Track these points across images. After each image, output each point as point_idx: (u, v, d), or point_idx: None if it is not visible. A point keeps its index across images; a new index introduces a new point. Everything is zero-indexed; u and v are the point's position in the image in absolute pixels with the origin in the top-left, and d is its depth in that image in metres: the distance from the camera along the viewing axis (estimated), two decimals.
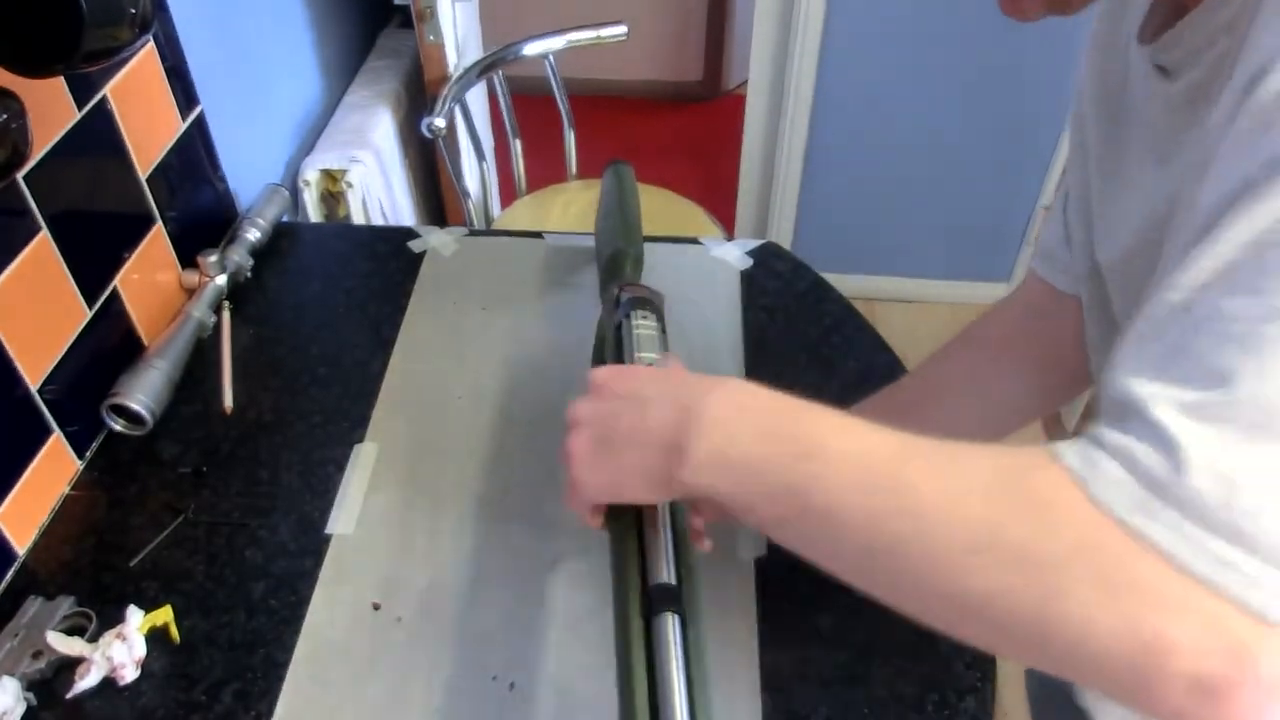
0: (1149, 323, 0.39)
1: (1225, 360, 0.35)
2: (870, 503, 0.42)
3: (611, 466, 0.52)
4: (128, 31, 0.65)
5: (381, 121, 1.58)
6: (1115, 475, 0.36)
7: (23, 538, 0.78)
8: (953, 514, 0.39)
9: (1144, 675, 0.35)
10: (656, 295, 0.75)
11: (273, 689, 0.68)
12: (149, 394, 0.86)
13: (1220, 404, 0.35)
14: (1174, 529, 0.34)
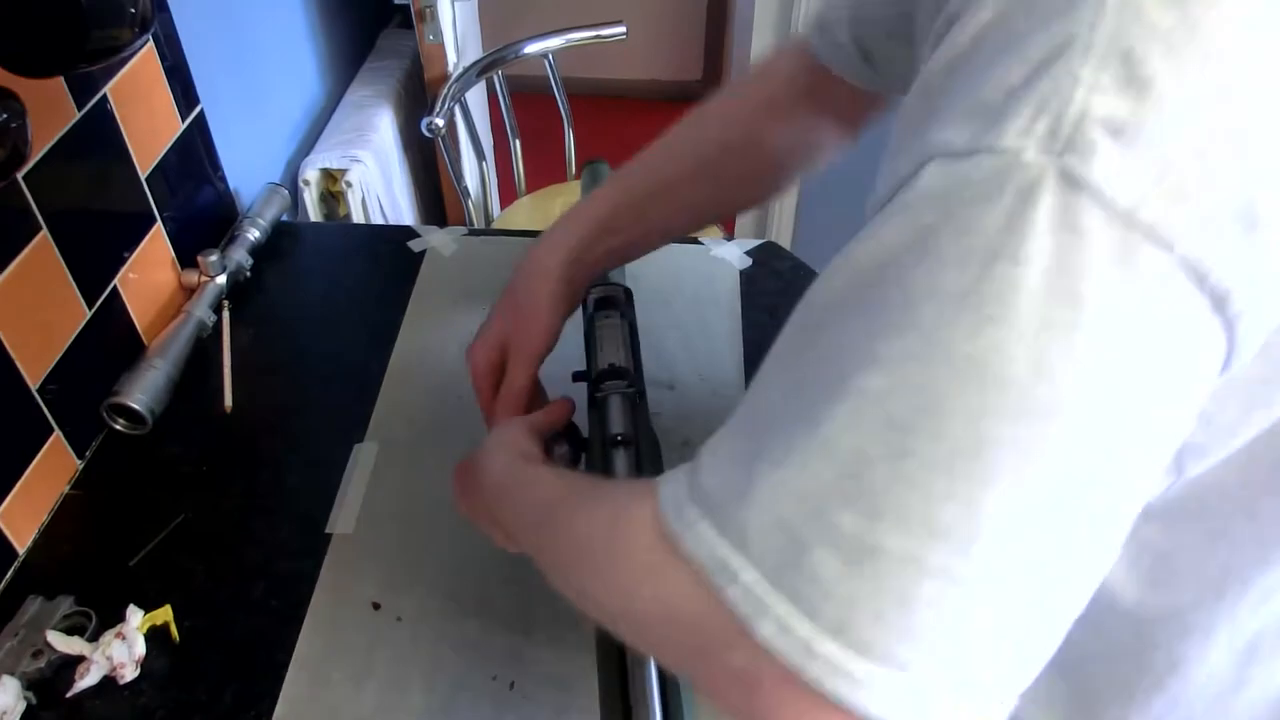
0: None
1: (810, 406, 0.33)
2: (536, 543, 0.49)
3: (486, 528, 0.62)
4: (128, 31, 0.65)
5: (381, 121, 1.59)
6: (673, 491, 0.36)
7: (23, 537, 0.78)
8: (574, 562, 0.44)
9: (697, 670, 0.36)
10: (625, 293, 0.75)
11: (273, 689, 0.68)
12: (149, 394, 0.86)
13: (798, 450, 0.32)
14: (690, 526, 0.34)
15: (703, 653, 0.34)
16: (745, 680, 0.32)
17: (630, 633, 0.40)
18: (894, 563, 0.29)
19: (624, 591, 0.38)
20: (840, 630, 0.29)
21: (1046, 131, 0.28)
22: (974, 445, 0.29)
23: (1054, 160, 0.28)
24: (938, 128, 0.32)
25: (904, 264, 0.31)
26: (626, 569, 0.38)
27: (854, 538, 0.30)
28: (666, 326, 0.98)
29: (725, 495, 0.33)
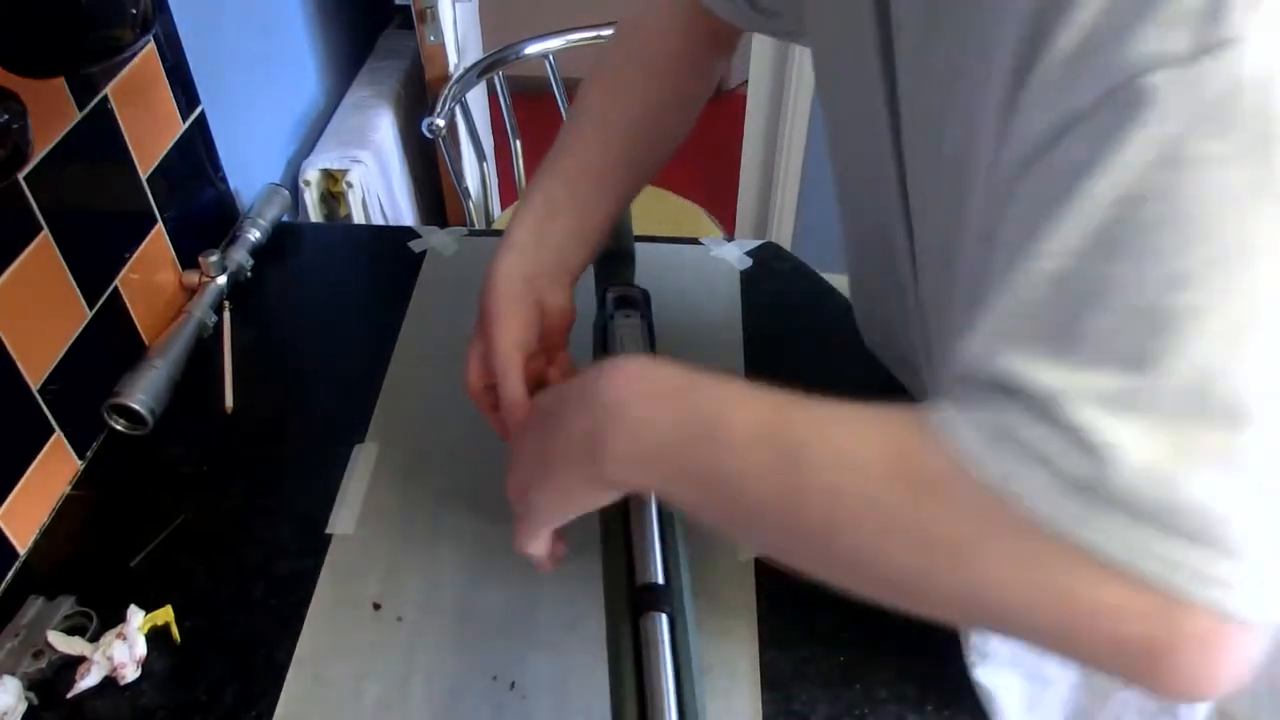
0: (1014, 294, 0.36)
1: (1134, 341, 0.32)
2: (774, 489, 0.41)
3: (552, 485, 0.52)
4: (128, 32, 0.65)
5: (382, 121, 1.59)
6: (1032, 472, 0.34)
7: (23, 537, 0.78)
8: (855, 500, 0.38)
9: (1075, 644, 0.35)
10: (642, 293, 0.75)
11: (273, 689, 0.68)
12: (149, 394, 0.86)
13: (1140, 391, 0.32)
14: (1102, 529, 0.33)
15: (1101, 630, 0.34)
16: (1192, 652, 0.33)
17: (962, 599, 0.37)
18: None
19: (972, 570, 0.36)
20: None
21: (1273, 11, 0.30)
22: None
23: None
24: (1133, 44, 0.32)
25: (1163, 181, 0.32)
26: (990, 556, 0.35)
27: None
28: (666, 326, 0.98)
29: (1093, 473, 0.33)
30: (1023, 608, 0.35)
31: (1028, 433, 0.34)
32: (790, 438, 0.41)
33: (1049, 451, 0.34)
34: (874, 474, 0.38)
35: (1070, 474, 0.33)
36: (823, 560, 0.42)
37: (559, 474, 0.51)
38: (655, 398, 0.46)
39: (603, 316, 0.73)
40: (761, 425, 0.42)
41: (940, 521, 0.36)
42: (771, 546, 0.45)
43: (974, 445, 0.35)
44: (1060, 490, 0.33)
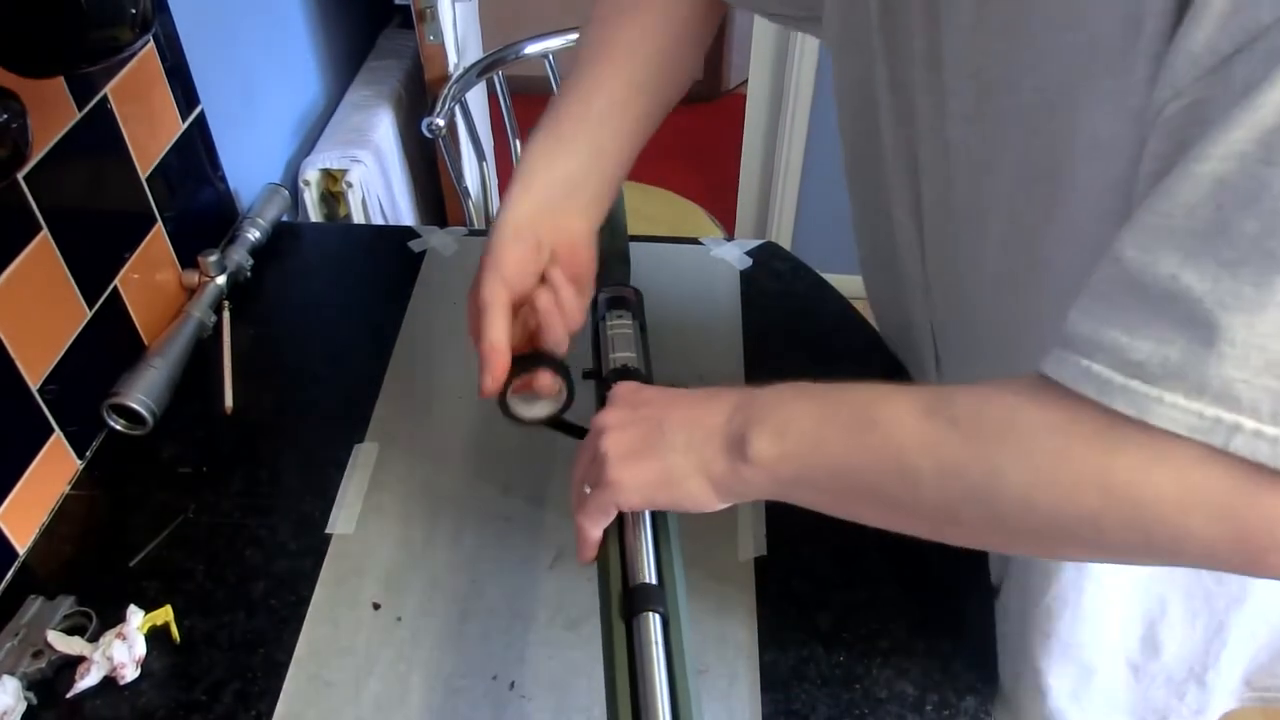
0: (1174, 197, 0.37)
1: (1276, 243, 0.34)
2: (938, 460, 0.43)
3: (659, 463, 0.52)
4: (128, 31, 0.65)
5: (381, 121, 1.59)
6: (1091, 367, 0.38)
7: (23, 537, 0.78)
8: (1019, 450, 0.41)
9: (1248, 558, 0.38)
10: (635, 294, 0.75)
11: (273, 689, 0.68)
12: (149, 394, 0.86)
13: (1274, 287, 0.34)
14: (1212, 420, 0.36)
15: (1216, 519, 0.37)
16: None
17: (1078, 528, 0.41)
18: None
19: (1069, 493, 0.40)
20: None
21: None
22: None
23: None
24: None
25: None
26: (1074, 473, 0.40)
27: None
28: (666, 326, 0.98)
29: (1181, 363, 0.36)
30: (1182, 521, 0.38)
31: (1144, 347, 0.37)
32: (953, 413, 0.44)
33: (1096, 369, 0.38)
34: (1041, 433, 0.41)
35: (1141, 367, 0.37)
36: (985, 522, 0.44)
37: (673, 459, 0.51)
38: (805, 397, 0.49)
39: (595, 317, 0.73)
40: (920, 404, 0.45)
41: (1094, 463, 0.39)
42: (922, 523, 0.47)
43: (1103, 380, 0.38)
44: (1117, 381, 0.37)
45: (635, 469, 0.52)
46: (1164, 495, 0.38)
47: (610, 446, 0.53)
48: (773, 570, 0.75)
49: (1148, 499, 0.38)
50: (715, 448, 0.50)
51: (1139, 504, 0.38)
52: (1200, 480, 0.37)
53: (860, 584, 0.75)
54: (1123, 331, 0.38)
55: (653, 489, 0.52)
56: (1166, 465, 0.37)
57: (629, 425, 0.54)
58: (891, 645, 0.71)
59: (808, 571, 0.76)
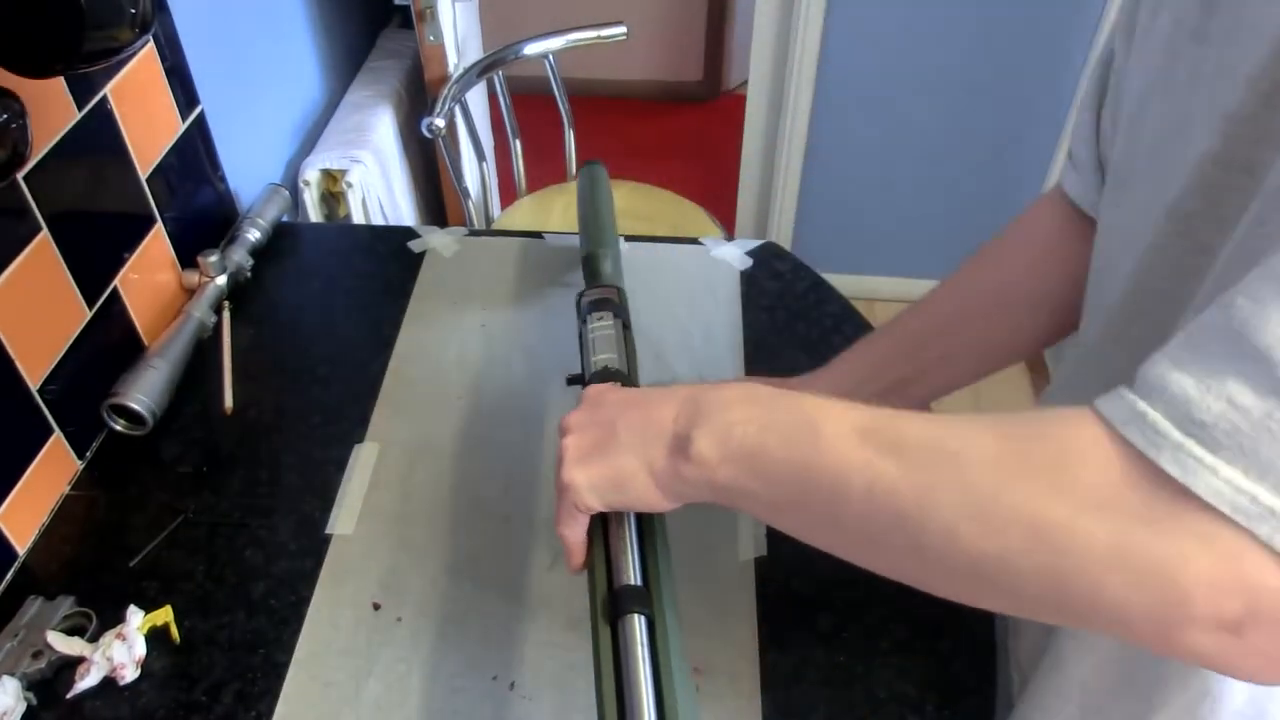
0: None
1: None
2: (870, 477, 0.41)
3: (612, 464, 0.52)
4: (128, 32, 0.65)
5: (381, 121, 1.59)
6: (1147, 413, 0.34)
7: (23, 538, 0.78)
8: (959, 479, 0.38)
9: (1163, 625, 0.34)
10: (618, 294, 0.75)
11: (273, 689, 0.68)
12: (149, 394, 0.86)
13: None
14: (1193, 465, 0.32)
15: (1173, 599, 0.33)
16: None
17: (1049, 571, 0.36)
18: None
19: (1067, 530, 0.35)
20: None
21: None
22: None
23: None
24: None
25: None
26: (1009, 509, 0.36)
27: None
28: (666, 326, 0.98)
29: (1255, 442, 0.32)
30: (1111, 594, 0.35)
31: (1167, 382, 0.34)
32: (899, 435, 0.41)
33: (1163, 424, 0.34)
34: (982, 462, 0.38)
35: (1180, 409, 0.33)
36: (905, 550, 0.42)
37: (623, 459, 0.51)
38: (752, 402, 0.47)
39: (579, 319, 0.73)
40: (865, 422, 0.43)
41: (1043, 496, 0.36)
42: (848, 543, 0.45)
43: (1108, 409, 0.35)
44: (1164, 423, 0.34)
45: (589, 470, 0.52)
46: (1095, 548, 0.34)
47: (569, 448, 0.54)
48: (773, 570, 0.75)
49: (1078, 549, 0.35)
50: (660, 446, 0.49)
51: (1068, 554, 0.35)
52: (1219, 558, 0.33)
53: (860, 584, 0.75)
54: (1197, 382, 0.33)
55: (605, 489, 0.52)
56: (1187, 536, 0.33)
57: (588, 427, 0.54)
58: (891, 645, 0.71)
59: (808, 571, 0.76)
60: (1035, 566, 0.36)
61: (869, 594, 0.74)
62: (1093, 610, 0.36)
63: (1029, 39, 1.93)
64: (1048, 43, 1.94)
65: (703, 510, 0.79)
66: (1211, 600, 0.33)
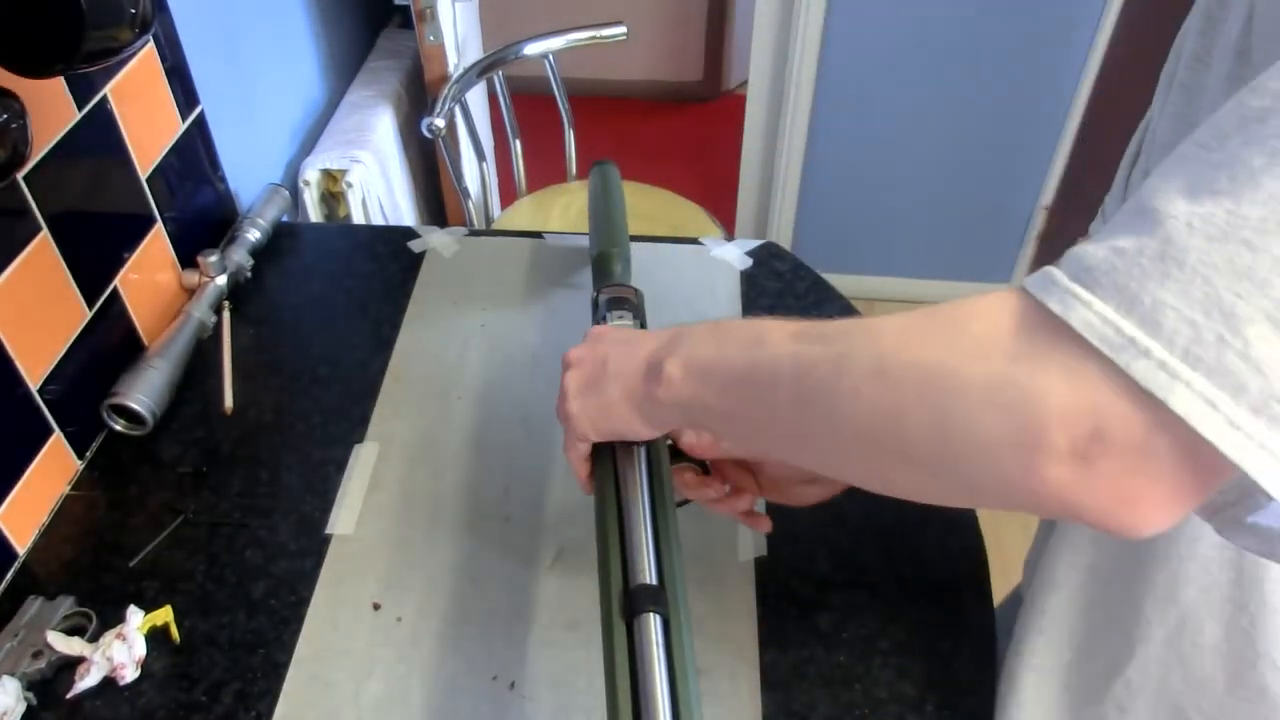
0: (1210, 124, 0.35)
1: (1257, 163, 0.32)
2: (799, 361, 0.45)
3: (601, 398, 0.57)
4: (128, 32, 0.65)
5: (381, 121, 1.59)
6: (1051, 272, 0.36)
7: (23, 538, 0.78)
8: (871, 346, 0.42)
9: (1026, 457, 0.35)
10: (635, 294, 0.75)
11: (273, 689, 0.68)
12: (149, 394, 0.86)
13: (1228, 212, 0.32)
14: (1083, 307, 0.34)
15: (1063, 439, 0.34)
16: (1137, 459, 0.34)
17: (950, 432, 0.38)
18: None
19: (963, 386, 0.37)
20: (1265, 407, 0.31)
21: None
22: None
23: None
24: None
25: None
26: (974, 364, 0.37)
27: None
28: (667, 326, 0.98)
29: (1126, 278, 0.34)
30: (988, 422, 0.37)
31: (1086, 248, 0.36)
32: (825, 328, 0.46)
33: (1055, 271, 0.36)
34: (890, 330, 0.42)
35: (1089, 272, 0.35)
36: (824, 430, 0.45)
37: (609, 389, 0.57)
38: (717, 329, 0.53)
39: (597, 317, 0.73)
40: (806, 326, 0.47)
41: (934, 345, 0.39)
42: (782, 435, 0.49)
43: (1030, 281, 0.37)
44: (1063, 282, 0.35)
45: (584, 401, 0.58)
46: (974, 388, 0.37)
47: (569, 382, 0.59)
48: (773, 570, 0.75)
49: (959, 390, 0.37)
50: (639, 375, 0.55)
51: (949, 392, 0.38)
52: (1077, 385, 0.34)
53: (860, 584, 0.75)
54: (1097, 243, 0.36)
55: (597, 418, 0.58)
56: (1054, 367, 0.35)
57: (585, 361, 0.60)
58: (891, 645, 0.71)
59: (808, 571, 0.76)
60: (925, 417, 0.39)
61: (869, 594, 0.74)
62: (970, 457, 0.38)
63: (1029, 39, 1.93)
64: (1048, 43, 1.94)
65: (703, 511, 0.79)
66: (1064, 425, 0.34)
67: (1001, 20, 1.91)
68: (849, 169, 2.18)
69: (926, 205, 2.22)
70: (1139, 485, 0.34)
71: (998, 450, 0.37)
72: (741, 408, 0.50)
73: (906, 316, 0.42)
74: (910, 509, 0.79)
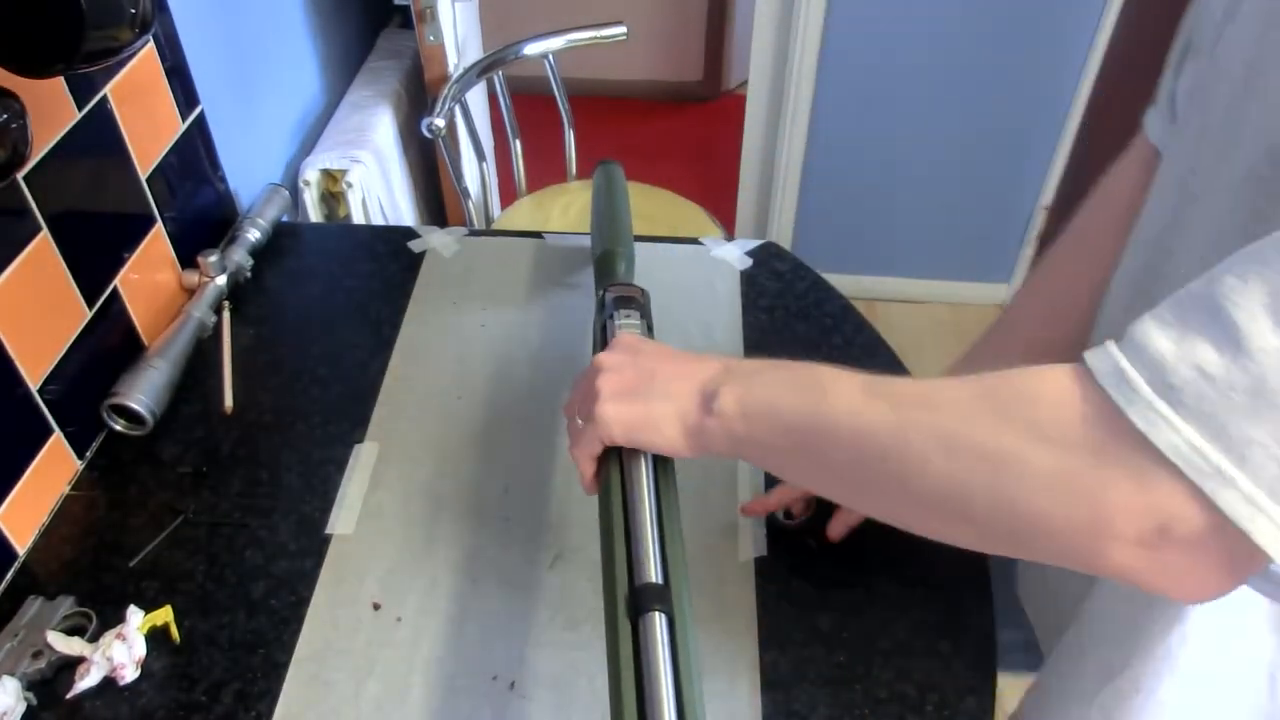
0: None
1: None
2: (861, 421, 0.48)
3: (644, 407, 0.58)
4: (128, 32, 0.65)
5: (381, 121, 1.59)
6: (1127, 371, 0.38)
7: (23, 538, 0.78)
8: (937, 421, 0.44)
9: (1091, 540, 0.39)
10: (642, 293, 0.75)
11: (273, 689, 0.68)
12: (149, 394, 0.86)
13: None
14: (1152, 414, 0.37)
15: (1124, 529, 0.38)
16: (1202, 552, 0.37)
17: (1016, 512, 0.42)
18: None
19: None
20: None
21: None
22: None
23: None
24: None
25: None
26: (1054, 456, 0.40)
27: None
28: (666, 326, 0.98)
29: (1214, 407, 0.36)
30: (1053, 505, 0.40)
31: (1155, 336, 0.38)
32: (891, 388, 0.48)
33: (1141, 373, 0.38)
34: (955, 402, 0.45)
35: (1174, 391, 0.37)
36: (885, 485, 0.48)
37: (658, 405, 0.57)
38: (774, 368, 0.55)
39: (603, 316, 0.73)
40: (866, 379, 0.49)
41: (1003, 428, 0.42)
42: (839, 479, 0.52)
43: (1089, 358, 0.40)
44: (1136, 377, 0.38)
45: (623, 408, 0.58)
46: (1042, 473, 0.40)
47: (604, 385, 0.59)
48: (773, 570, 0.75)
49: (1027, 474, 0.40)
50: (693, 401, 0.56)
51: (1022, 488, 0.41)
52: (1147, 488, 0.37)
53: (860, 584, 0.75)
54: (1175, 347, 0.37)
55: (634, 428, 0.58)
56: (1124, 467, 0.38)
57: (625, 368, 0.60)
58: (891, 645, 0.71)
59: (808, 571, 0.76)
60: (991, 491, 0.42)
61: (869, 594, 0.74)
62: (1034, 530, 0.41)
63: (1030, 39, 1.93)
64: (1048, 43, 1.94)
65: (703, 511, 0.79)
66: (1131, 519, 0.38)
67: (1001, 20, 1.91)
68: (849, 169, 2.18)
69: (926, 205, 2.22)
70: (1201, 570, 0.38)
71: (1065, 533, 0.40)
72: (794, 454, 0.52)
73: (970, 388, 0.44)
74: None
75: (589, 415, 0.59)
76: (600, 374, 0.60)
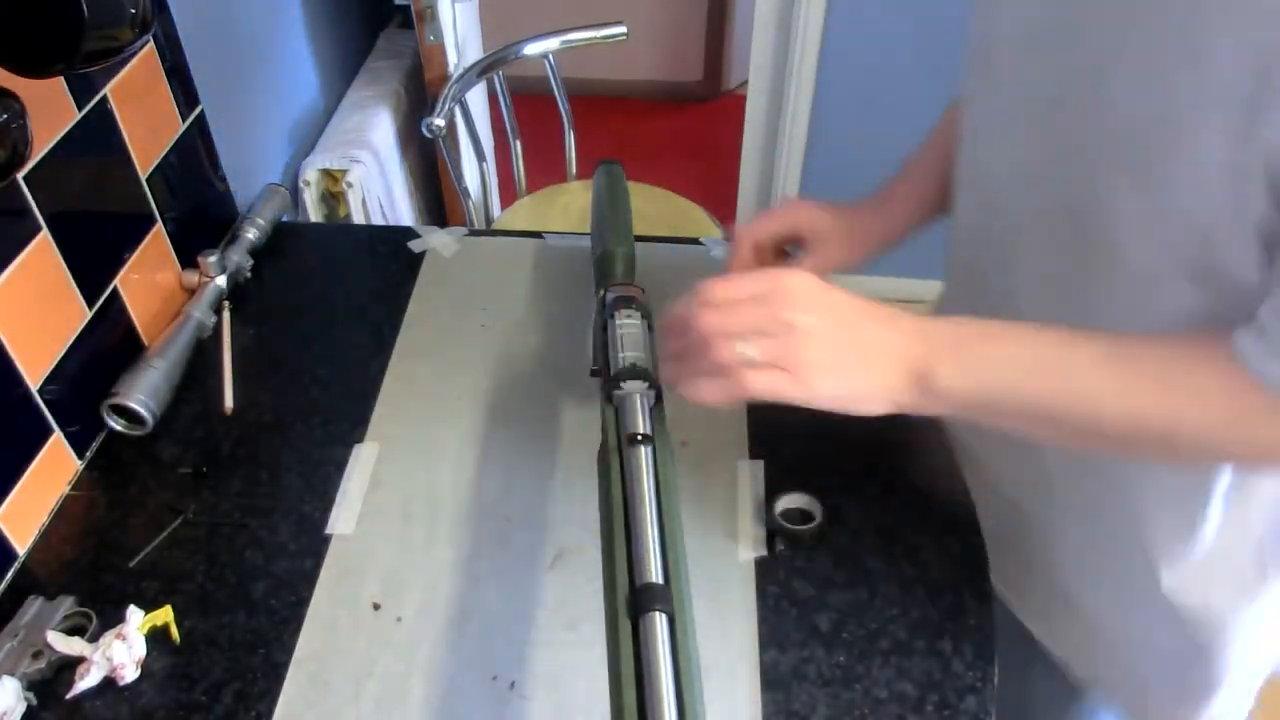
0: None
1: None
2: (1118, 412, 0.53)
3: (848, 384, 0.55)
4: (128, 31, 0.65)
5: (381, 121, 1.59)
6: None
7: (23, 538, 0.78)
8: (1193, 417, 0.52)
9: None
10: (642, 293, 0.75)
11: (273, 689, 0.68)
12: (149, 394, 0.86)
13: None
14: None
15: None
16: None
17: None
18: None
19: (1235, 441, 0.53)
20: None
21: None
22: None
23: None
24: None
25: None
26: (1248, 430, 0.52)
27: None
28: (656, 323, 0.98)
29: None
30: None
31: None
32: (1140, 366, 0.53)
33: None
34: (1212, 400, 0.52)
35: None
36: (1154, 454, 0.58)
37: (860, 381, 0.55)
38: (986, 340, 0.55)
39: (603, 316, 0.73)
40: (1103, 353, 0.53)
41: (1207, 425, 0.52)
42: (1065, 438, 0.57)
43: (1244, 344, 0.49)
44: None
45: (835, 384, 0.54)
46: None
47: (808, 349, 0.54)
48: (773, 570, 0.75)
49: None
50: (902, 380, 0.55)
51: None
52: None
53: (860, 584, 0.75)
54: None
55: (841, 403, 0.55)
56: None
57: (825, 332, 0.54)
58: (891, 645, 0.71)
59: (808, 571, 0.76)
60: (1237, 454, 0.56)
61: (869, 594, 0.74)
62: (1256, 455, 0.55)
63: None
64: None
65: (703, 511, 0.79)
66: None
67: None
68: (849, 169, 2.18)
69: None
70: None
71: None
72: (1046, 427, 0.56)
73: (1220, 380, 0.51)
74: (910, 509, 0.79)
75: (781, 362, 0.53)
76: (798, 334, 0.54)
